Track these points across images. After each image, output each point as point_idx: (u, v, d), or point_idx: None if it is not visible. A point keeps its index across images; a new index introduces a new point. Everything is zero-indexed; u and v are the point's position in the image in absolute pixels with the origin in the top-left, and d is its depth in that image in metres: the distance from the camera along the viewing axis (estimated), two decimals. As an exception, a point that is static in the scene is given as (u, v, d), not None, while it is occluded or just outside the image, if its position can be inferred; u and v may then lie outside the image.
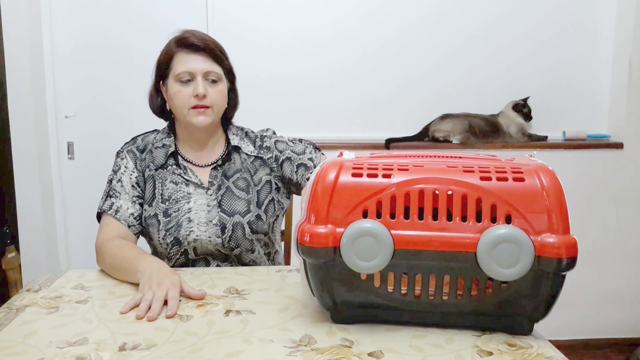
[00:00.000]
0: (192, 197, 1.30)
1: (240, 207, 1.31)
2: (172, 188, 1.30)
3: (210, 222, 1.28)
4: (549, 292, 0.82)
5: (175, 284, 1.03)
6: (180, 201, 1.29)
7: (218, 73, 1.29)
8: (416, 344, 0.85)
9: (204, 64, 1.27)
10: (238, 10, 2.43)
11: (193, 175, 1.32)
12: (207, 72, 1.27)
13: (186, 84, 1.26)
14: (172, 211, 1.28)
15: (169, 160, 1.33)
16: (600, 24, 2.57)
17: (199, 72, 1.26)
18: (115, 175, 1.32)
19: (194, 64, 1.26)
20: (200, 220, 1.28)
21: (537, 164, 0.85)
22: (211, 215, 1.29)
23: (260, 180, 1.35)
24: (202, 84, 1.26)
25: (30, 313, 0.97)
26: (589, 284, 2.60)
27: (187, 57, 1.27)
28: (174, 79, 1.27)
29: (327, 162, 0.88)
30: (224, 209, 1.30)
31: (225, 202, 1.30)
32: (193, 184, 1.31)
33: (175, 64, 1.27)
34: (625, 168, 2.56)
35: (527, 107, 2.51)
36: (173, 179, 1.31)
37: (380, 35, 2.50)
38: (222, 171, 1.34)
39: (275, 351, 0.83)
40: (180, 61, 1.27)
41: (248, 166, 1.36)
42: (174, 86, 1.27)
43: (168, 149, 1.33)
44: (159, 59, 1.32)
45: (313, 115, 2.53)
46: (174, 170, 1.32)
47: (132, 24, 2.43)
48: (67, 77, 2.43)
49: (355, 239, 0.81)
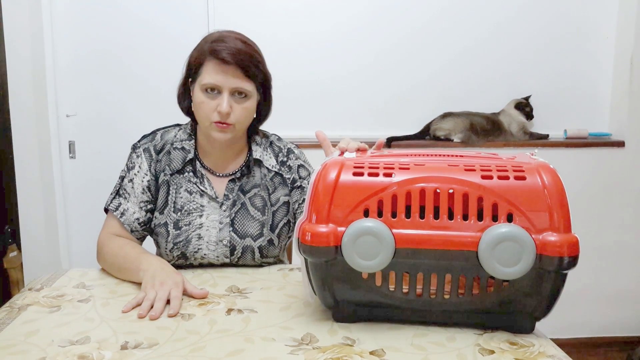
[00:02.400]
0: (205, 211, 1.25)
1: (254, 229, 1.25)
2: (186, 197, 1.25)
3: (221, 242, 1.24)
4: (550, 290, 0.82)
5: (177, 283, 1.03)
6: (192, 213, 1.24)
7: (247, 89, 1.19)
8: (418, 343, 0.85)
9: (233, 80, 1.17)
10: (239, 17, 2.43)
11: (209, 187, 1.26)
12: (234, 88, 1.17)
13: (211, 96, 1.17)
14: (183, 224, 1.24)
15: (187, 166, 1.26)
16: (602, 22, 2.57)
17: (226, 88, 1.17)
18: (128, 173, 1.27)
19: (222, 78, 1.16)
20: (211, 239, 1.24)
21: (539, 163, 0.85)
22: (222, 234, 1.24)
23: (277, 200, 1.29)
24: (228, 100, 1.16)
25: (32, 312, 0.97)
26: (590, 283, 2.60)
27: (217, 69, 1.16)
28: (200, 87, 1.18)
29: (328, 161, 0.89)
30: (236, 229, 1.25)
31: (238, 221, 1.25)
32: (207, 196, 1.26)
33: (203, 72, 1.18)
34: (626, 166, 2.56)
35: (530, 106, 2.51)
36: (188, 188, 1.26)
37: (382, 37, 2.50)
38: (240, 185, 1.28)
39: (277, 350, 0.83)
40: (209, 71, 1.17)
41: (267, 183, 1.30)
42: (199, 95, 1.19)
43: (187, 155, 1.26)
44: (190, 59, 1.23)
45: (314, 115, 2.53)
46: (190, 178, 1.26)
47: (134, 28, 2.43)
48: (68, 76, 2.43)
49: (356, 238, 0.81)
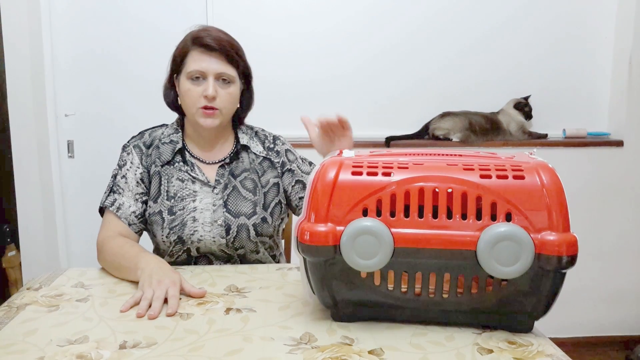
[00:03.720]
0: (198, 196, 1.29)
1: (246, 208, 1.30)
2: (178, 185, 1.29)
3: (215, 223, 1.27)
4: (549, 289, 0.82)
5: (175, 282, 1.03)
6: (185, 199, 1.28)
7: (230, 75, 1.27)
8: (416, 342, 0.85)
9: (217, 64, 1.25)
10: (238, 17, 2.43)
11: (200, 173, 1.31)
12: (219, 73, 1.25)
13: (197, 83, 1.25)
14: (177, 209, 1.28)
15: (176, 156, 1.32)
16: (601, 22, 2.57)
17: (210, 72, 1.24)
18: (120, 170, 1.31)
19: (207, 64, 1.24)
20: (205, 220, 1.27)
21: (537, 162, 0.85)
22: (216, 215, 1.28)
23: (267, 182, 1.35)
24: (213, 85, 1.24)
25: (31, 311, 0.97)
26: (589, 282, 2.60)
27: (201, 56, 1.25)
28: (186, 76, 1.26)
29: (327, 160, 0.88)
30: (229, 209, 1.29)
31: (231, 202, 1.30)
32: (199, 182, 1.30)
33: (188, 61, 1.26)
34: (625, 166, 2.56)
35: (529, 106, 2.51)
36: (179, 176, 1.30)
37: (381, 38, 2.50)
38: (230, 169, 1.33)
39: (276, 349, 0.83)
40: (194, 59, 1.25)
41: (256, 167, 1.35)
42: (185, 84, 1.26)
43: (175, 145, 1.32)
44: (175, 52, 1.30)
45: (313, 114, 2.51)
46: (180, 167, 1.31)
47: (132, 26, 2.43)
48: (67, 75, 2.43)
49: (355, 237, 0.81)
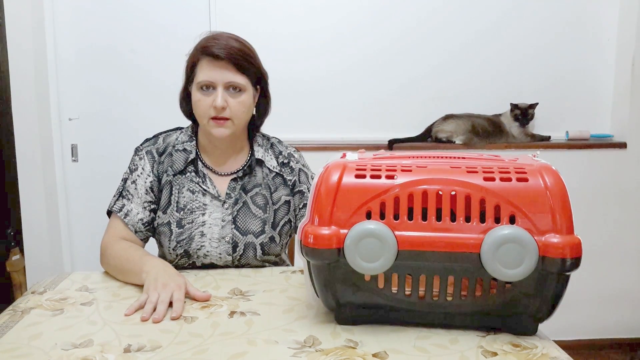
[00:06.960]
0: (208, 209, 1.27)
1: (255, 226, 1.28)
2: (189, 197, 1.27)
3: (223, 239, 1.26)
4: (553, 292, 0.82)
5: (180, 285, 1.03)
6: (195, 212, 1.27)
7: (240, 83, 1.22)
8: (420, 345, 0.85)
9: (226, 74, 1.21)
10: (240, 13, 2.44)
11: (211, 186, 1.28)
12: (228, 82, 1.21)
13: (207, 93, 1.22)
14: (186, 222, 1.26)
15: (189, 166, 1.29)
16: (603, 24, 2.57)
17: (219, 82, 1.21)
18: (131, 175, 1.29)
19: (215, 73, 1.21)
20: (213, 236, 1.26)
21: (541, 164, 0.85)
22: (225, 231, 1.26)
23: (279, 199, 1.32)
24: (222, 95, 1.21)
25: (35, 315, 0.97)
26: (593, 284, 2.59)
27: (209, 66, 1.21)
28: (196, 86, 1.23)
29: (331, 163, 0.89)
30: (238, 226, 1.27)
31: (240, 218, 1.28)
32: (210, 195, 1.28)
33: (198, 71, 1.23)
34: (628, 168, 2.55)
35: (519, 109, 2.46)
36: (190, 187, 1.28)
37: (383, 37, 2.51)
38: (242, 184, 1.30)
39: (280, 352, 0.83)
40: (203, 69, 1.22)
41: (269, 182, 1.32)
42: (195, 94, 1.24)
43: (189, 155, 1.29)
44: (187, 62, 1.28)
45: (316, 116, 2.52)
46: (192, 178, 1.29)
47: (136, 27, 2.43)
48: (71, 79, 2.44)
49: (359, 240, 0.81)
